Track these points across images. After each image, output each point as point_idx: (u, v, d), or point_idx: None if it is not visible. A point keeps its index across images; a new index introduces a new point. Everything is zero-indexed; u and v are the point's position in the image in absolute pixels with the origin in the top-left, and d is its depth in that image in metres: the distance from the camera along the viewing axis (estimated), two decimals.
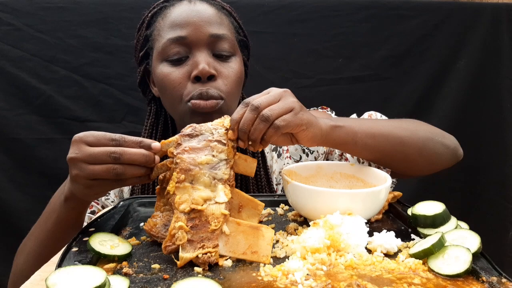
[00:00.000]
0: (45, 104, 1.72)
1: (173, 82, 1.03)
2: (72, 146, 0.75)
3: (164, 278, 0.63)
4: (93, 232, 0.74)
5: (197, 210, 0.68)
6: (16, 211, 1.70)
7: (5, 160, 1.70)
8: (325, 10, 1.84)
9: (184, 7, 1.06)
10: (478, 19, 1.87)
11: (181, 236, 0.67)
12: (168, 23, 1.05)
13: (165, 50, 1.04)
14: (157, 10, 1.11)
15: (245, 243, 0.68)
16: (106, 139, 0.74)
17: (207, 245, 0.66)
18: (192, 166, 0.71)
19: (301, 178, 0.95)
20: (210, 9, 1.07)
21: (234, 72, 1.06)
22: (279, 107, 0.76)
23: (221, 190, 0.70)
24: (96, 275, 0.56)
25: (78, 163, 0.73)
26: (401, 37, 1.87)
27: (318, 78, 1.86)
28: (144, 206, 0.95)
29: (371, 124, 0.99)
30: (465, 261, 0.63)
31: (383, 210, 0.90)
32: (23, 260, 0.99)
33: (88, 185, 0.75)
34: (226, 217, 0.69)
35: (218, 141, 0.73)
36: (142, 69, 1.16)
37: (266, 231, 0.70)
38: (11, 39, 1.68)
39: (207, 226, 0.68)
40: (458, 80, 1.88)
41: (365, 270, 0.65)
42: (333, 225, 0.72)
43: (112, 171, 0.72)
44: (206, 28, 1.03)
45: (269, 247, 0.68)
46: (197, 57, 1.02)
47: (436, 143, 1.03)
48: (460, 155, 1.10)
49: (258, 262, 0.68)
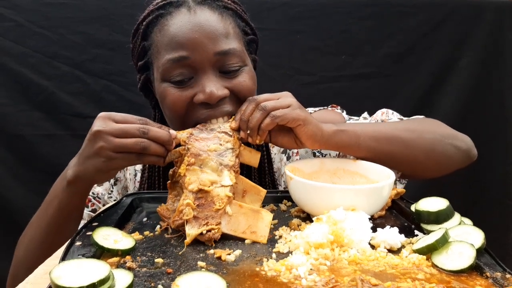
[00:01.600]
0: (47, 100, 1.72)
1: (176, 106, 0.93)
2: (98, 121, 0.81)
3: (168, 272, 0.63)
4: (96, 226, 0.75)
5: (204, 191, 0.77)
6: (18, 207, 1.71)
7: (7, 156, 1.71)
8: (328, 7, 1.84)
9: (183, 18, 0.92)
10: (481, 16, 1.86)
11: (187, 212, 0.74)
12: (166, 39, 0.92)
13: (166, 71, 0.92)
14: (153, 18, 0.97)
15: (245, 224, 0.75)
16: (133, 117, 0.82)
17: (211, 222, 0.73)
18: (201, 152, 0.81)
19: (304, 174, 0.95)
20: (213, 16, 0.93)
21: (247, 84, 0.94)
22: (277, 101, 0.84)
23: (227, 175, 0.79)
24: (100, 268, 0.56)
25: (105, 136, 0.79)
26: (403, 35, 1.87)
27: (320, 75, 1.86)
28: (147, 202, 0.95)
29: (375, 127, 0.99)
30: (469, 256, 0.63)
31: (386, 206, 0.90)
32: (24, 249, 0.98)
33: (111, 158, 0.79)
34: (229, 198, 0.77)
35: (225, 133, 0.84)
36: (143, 77, 1.06)
37: (266, 214, 0.77)
38: (13, 35, 1.68)
39: (212, 206, 0.75)
40: (460, 77, 1.88)
41: (369, 266, 0.65)
42: (336, 221, 0.72)
43: (140, 143, 0.78)
44: (211, 46, 0.90)
45: (266, 229, 0.76)
46: (203, 80, 0.91)
47: (446, 144, 1.01)
48: (474, 155, 1.09)
49: (257, 242, 0.75)
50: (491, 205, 1.91)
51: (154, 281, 0.60)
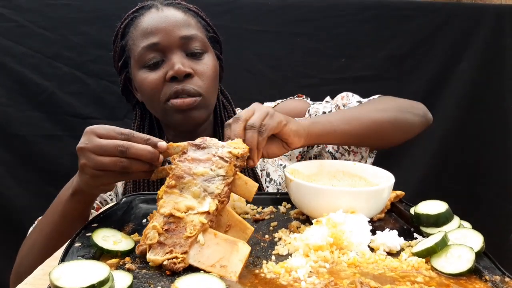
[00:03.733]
0: (48, 100, 1.72)
1: (151, 85, 1.08)
2: (83, 136, 0.79)
3: (167, 274, 0.63)
4: (96, 227, 0.75)
5: (176, 216, 0.67)
6: (18, 207, 1.71)
7: (7, 156, 1.70)
8: (328, 10, 1.84)
9: (153, 15, 1.11)
10: (481, 20, 1.87)
11: (152, 236, 0.66)
12: (140, 32, 1.10)
13: (141, 57, 1.09)
14: (129, 21, 1.15)
15: (216, 256, 0.65)
16: (115, 132, 0.77)
17: (176, 251, 0.64)
18: (185, 174, 0.71)
19: (303, 176, 0.95)
20: (177, 13, 1.12)
21: (209, 68, 1.12)
22: (257, 116, 0.83)
23: (208, 203, 0.69)
24: (100, 269, 0.56)
25: (87, 153, 0.76)
26: (404, 38, 1.87)
27: (320, 77, 1.86)
28: (146, 203, 0.95)
29: (344, 113, 1.09)
30: (468, 260, 0.63)
31: (386, 209, 0.90)
32: (27, 252, 1.00)
33: (95, 175, 0.77)
34: (204, 226, 0.67)
35: (220, 157, 0.73)
36: (123, 77, 1.21)
37: (243, 247, 0.66)
38: (14, 35, 1.68)
39: (182, 233, 0.66)
40: (460, 81, 1.88)
41: (368, 268, 0.65)
42: (336, 223, 0.72)
43: (118, 163, 0.75)
44: (176, 32, 1.08)
45: (240, 264, 0.64)
46: (172, 59, 1.07)
47: (406, 113, 1.14)
48: (430, 119, 1.20)
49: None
50: (490, 208, 1.91)
51: (153, 282, 0.60)
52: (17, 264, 1.03)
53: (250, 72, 1.79)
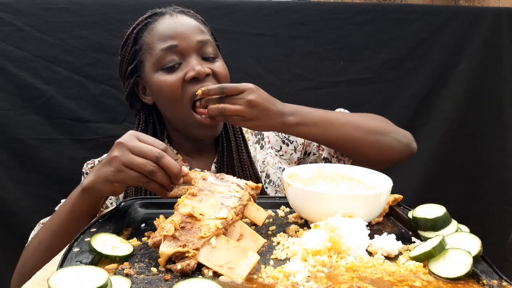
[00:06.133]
0: (47, 104, 1.72)
1: (172, 86, 1.11)
2: (126, 135, 0.87)
3: (166, 279, 0.63)
4: (94, 232, 0.75)
5: (194, 217, 0.71)
6: (17, 211, 1.70)
7: (6, 160, 1.70)
8: (326, 13, 1.85)
9: (169, 20, 1.16)
10: (479, 23, 1.87)
11: (168, 228, 0.68)
12: (157, 36, 1.14)
13: (159, 59, 1.13)
14: (142, 26, 1.18)
15: (225, 258, 0.67)
16: (157, 143, 0.86)
17: (188, 246, 0.67)
18: (206, 190, 0.78)
19: (302, 181, 0.95)
20: (191, 20, 1.18)
21: (224, 69, 1.18)
22: None
23: (224, 212, 0.74)
24: (98, 275, 0.56)
25: (123, 148, 0.84)
26: (402, 40, 1.88)
27: (319, 80, 1.87)
28: (145, 207, 0.95)
29: (326, 113, 1.17)
30: (466, 264, 0.63)
31: (384, 213, 0.90)
32: (32, 251, 1.00)
33: (119, 170, 0.83)
34: (218, 230, 0.70)
35: (238, 185, 0.83)
36: (131, 81, 1.22)
37: (252, 255, 0.66)
38: (13, 39, 1.68)
39: (197, 233, 0.69)
40: (458, 83, 1.89)
41: (366, 273, 0.65)
42: (334, 227, 0.72)
43: (148, 166, 0.82)
44: (193, 36, 1.14)
45: (247, 269, 0.65)
46: (190, 61, 1.12)
47: (387, 137, 1.17)
48: (413, 149, 1.22)
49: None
50: (489, 211, 1.92)
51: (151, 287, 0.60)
52: (20, 265, 1.03)
53: (249, 75, 1.79)
